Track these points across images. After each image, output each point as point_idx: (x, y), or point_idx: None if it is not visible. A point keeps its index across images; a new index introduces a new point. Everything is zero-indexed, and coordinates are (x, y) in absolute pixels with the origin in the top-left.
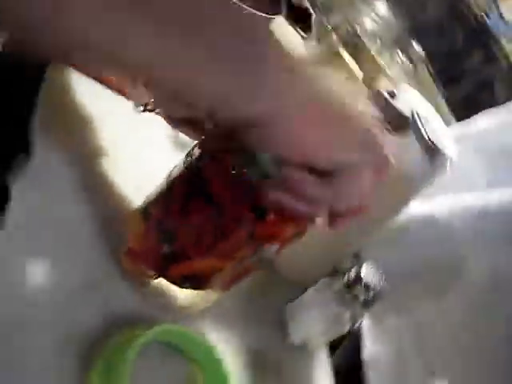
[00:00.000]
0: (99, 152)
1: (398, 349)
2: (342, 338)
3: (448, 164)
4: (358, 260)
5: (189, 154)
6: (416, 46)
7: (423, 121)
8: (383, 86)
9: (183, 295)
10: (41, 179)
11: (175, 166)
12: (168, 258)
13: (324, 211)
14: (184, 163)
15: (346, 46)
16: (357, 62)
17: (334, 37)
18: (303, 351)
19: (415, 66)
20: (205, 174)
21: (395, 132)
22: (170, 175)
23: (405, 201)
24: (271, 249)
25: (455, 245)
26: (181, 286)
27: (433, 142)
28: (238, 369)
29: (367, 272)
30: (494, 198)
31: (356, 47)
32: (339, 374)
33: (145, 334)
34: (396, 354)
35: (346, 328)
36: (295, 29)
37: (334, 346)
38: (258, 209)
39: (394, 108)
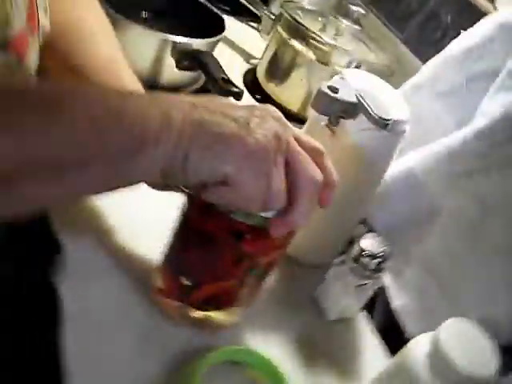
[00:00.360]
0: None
1: (420, 292)
2: (373, 299)
3: (404, 127)
4: (365, 226)
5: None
6: (353, 7)
7: (369, 99)
8: (337, 60)
9: (217, 316)
10: (76, 267)
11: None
12: (186, 288)
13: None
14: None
15: (292, 33)
16: (307, 45)
17: (280, 27)
18: (343, 323)
19: (361, 25)
20: (191, 217)
21: (349, 118)
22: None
23: (377, 171)
24: (263, 261)
25: (431, 191)
26: (205, 309)
27: (380, 117)
28: (291, 359)
29: (367, 243)
30: (459, 137)
31: (299, 31)
32: (382, 331)
33: (207, 356)
34: (420, 298)
35: (371, 292)
36: (248, 25)
37: (369, 309)
38: (236, 233)
39: (338, 101)
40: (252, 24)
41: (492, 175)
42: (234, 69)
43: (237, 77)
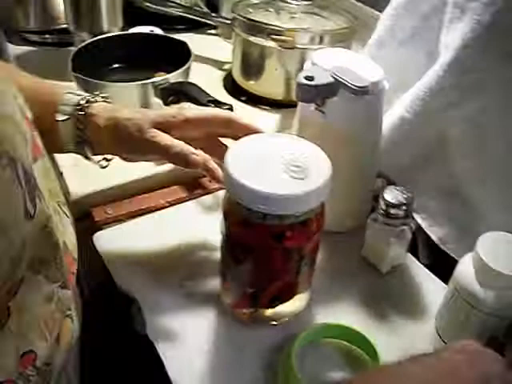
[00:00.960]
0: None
1: (451, 218)
2: (413, 241)
3: (382, 84)
4: (383, 179)
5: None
6: None
7: (343, 74)
8: (301, 40)
9: (288, 307)
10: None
11: None
12: (252, 295)
13: None
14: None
15: (250, 31)
16: (268, 38)
17: (237, 29)
18: (397, 272)
19: None
20: (231, 234)
21: (332, 96)
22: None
23: (373, 129)
24: (309, 248)
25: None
26: (275, 306)
27: (359, 86)
28: (364, 319)
29: (390, 195)
30: (431, 76)
31: (256, 28)
32: (430, 265)
33: (296, 340)
34: (453, 224)
35: (410, 235)
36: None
37: (414, 249)
38: (276, 235)
39: (317, 86)
40: (211, 32)
41: (474, 97)
42: (212, 81)
43: (217, 87)
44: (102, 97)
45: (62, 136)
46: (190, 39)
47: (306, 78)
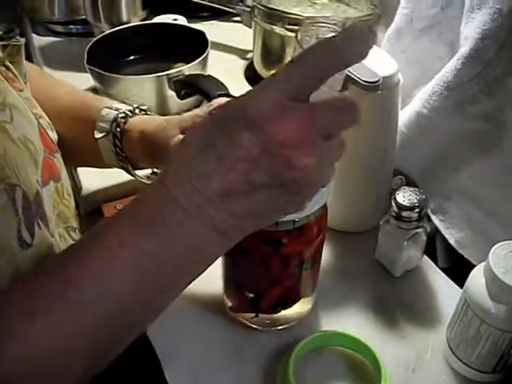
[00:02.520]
0: None
1: (470, 222)
2: (430, 243)
3: (396, 78)
4: (403, 180)
5: None
6: None
7: (354, 68)
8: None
9: (290, 312)
10: None
11: None
12: (252, 300)
13: None
14: None
15: (270, 20)
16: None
17: (257, 18)
18: (411, 275)
19: None
20: None
21: (343, 91)
22: None
23: (388, 126)
24: (309, 253)
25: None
26: (277, 311)
27: (369, 82)
28: (372, 325)
29: (402, 197)
30: (450, 68)
31: (276, 16)
32: (450, 269)
33: (296, 348)
34: (471, 228)
35: (425, 238)
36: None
37: (431, 254)
38: (273, 242)
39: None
40: (235, 19)
41: (493, 92)
42: (234, 70)
43: (239, 77)
44: (141, 109)
45: (103, 153)
46: (214, 27)
47: None
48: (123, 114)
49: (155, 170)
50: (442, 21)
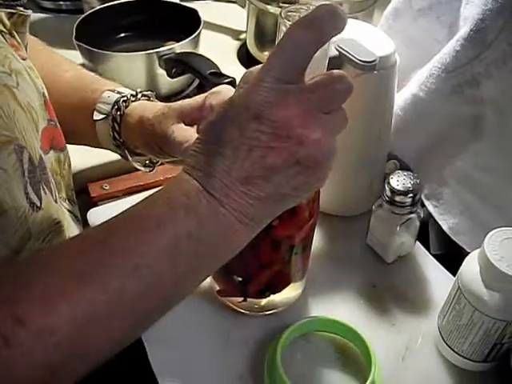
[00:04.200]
0: None
1: (464, 209)
2: (423, 230)
3: (392, 58)
4: (397, 164)
5: None
6: None
7: (350, 47)
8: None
9: (279, 297)
10: None
11: None
12: (240, 283)
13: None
14: None
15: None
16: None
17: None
18: (403, 261)
19: None
20: None
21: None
22: None
23: (384, 108)
24: (300, 237)
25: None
26: (266, 295)
27: (365, 61)
28: (362, 310)
29: (396, 181)
30: (449, 49)
31: None
32: (442, 256)
33: (283, 334)
34: (465, 215)
35: (418, 224)
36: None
37: (424, 240)
38: None
39: None
40: None
41: (493, 75)
42: (227, 50)
43: (231, 57)
44: (144, 95)
45: (100, 136)
46: (207, 6)
47: None
48: (125, 98)
49: (151, 158)
50: (441, 2)
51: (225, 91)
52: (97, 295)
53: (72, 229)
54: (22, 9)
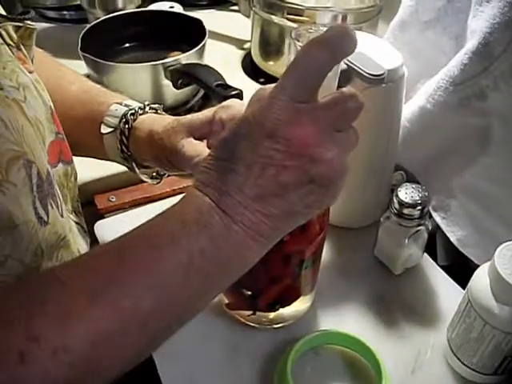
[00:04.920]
0: None
1: (472, 221)
2: (430, 240)
3: (401, 71)
4: (403, 175)
5: None
6: None
7: (358, 60)
8: (321, 19)
9: (289, 310)
10: None
11: None
12: (250, 297)
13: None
14: None
15: (269, 9)
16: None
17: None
18: (411, 273)
19: None
20: None
21: (346, 84)
22: None
23: (392, 120)
24: (310, 251)
25: (449, 121)
26: (275, 309)
27: (373, 75)
28: (371, 322)
29: (404, 194)
30: (456, 62)
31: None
32: (449, 267)
33: (293, 347)
34: (474, 227)
35: (426, 236)
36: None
37: (431, 251)
38: None
39: None
40: (233, 8)
41: (500, 87)
42: (230, 61)
43: (235, 67)
44: (152, 107)
45: (107, 149)
46: (211, 15)
47: None
48: (133, 111)
49: (158, 170)
50: (448, 13)
51: (235, 105)
52: (110, 313)
53: (79, 241)
54: (29, 22)
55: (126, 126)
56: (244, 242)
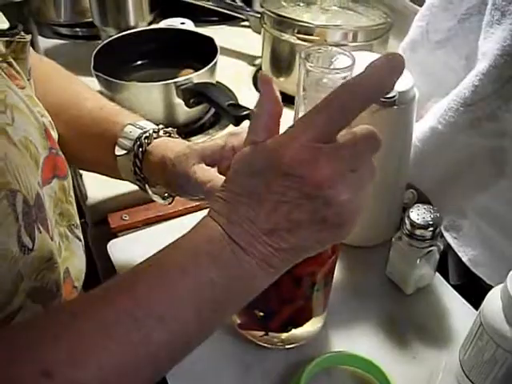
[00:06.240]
0: None
1: (484, 242)
2: (442, 259)
3: (411, 92)
4: (415, 194)
5: None
6: None
7: None
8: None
9: (301, 331)
10: None
11: None
12: (262, 318)
13: None
14: None
15: (279, 27)
16: (298, 34)
17: (266, 25)
18: (423, 293)
19: None
20: None
21: None
22: None
23: (403, 141)
24: (322, 273)
25: (460, 142)
26: (287, 330)
27: (385, 97)
28: (383, 343)
29: (416, 215)
30: (467, 84)
31: (285, 24)
32: (461, 286)
33: (306, 369)
34: (486, 248)
35: (437, 257)
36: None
37: (443, 270)
38: None
39: None
40: (244, 24)
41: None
42: (241, 77)
43: (246, 83)
44: (166, 131)
45: (121, 169)
46: (222, 31)
47: None
48: (147, 134)
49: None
50: (459, 34)
51: (246, 132)
52: (122, 347)
53: (73, 258)
54: (21, 34)
55: (140, 149)
56: (253, 272)
